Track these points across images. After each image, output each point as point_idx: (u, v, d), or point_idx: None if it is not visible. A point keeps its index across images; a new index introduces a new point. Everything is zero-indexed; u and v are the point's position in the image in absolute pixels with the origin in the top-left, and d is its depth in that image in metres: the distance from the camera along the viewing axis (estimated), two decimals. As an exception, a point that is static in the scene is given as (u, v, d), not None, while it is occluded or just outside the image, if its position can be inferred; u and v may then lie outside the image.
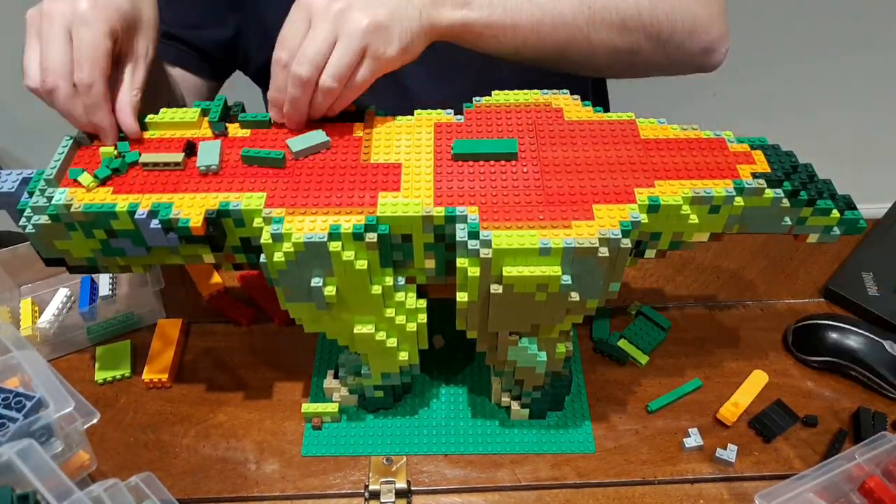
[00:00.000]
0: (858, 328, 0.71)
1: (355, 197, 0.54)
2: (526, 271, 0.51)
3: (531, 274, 0.51)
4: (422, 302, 0.58)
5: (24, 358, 0.58)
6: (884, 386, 0.68)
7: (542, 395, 0.64)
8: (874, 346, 0.69)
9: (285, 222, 0.52)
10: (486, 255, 0.50)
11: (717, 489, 0.63)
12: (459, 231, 0.52)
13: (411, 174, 0.56)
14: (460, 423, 0.67)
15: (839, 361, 0.70)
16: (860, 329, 0.71)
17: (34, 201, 0.55)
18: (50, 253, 0.57)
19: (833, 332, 0.71)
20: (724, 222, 0.57)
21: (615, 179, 0.56)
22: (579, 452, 0.65)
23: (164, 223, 0.53)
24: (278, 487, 0.63)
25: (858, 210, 0.58)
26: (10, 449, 0.49)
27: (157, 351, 0.72)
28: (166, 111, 0.62)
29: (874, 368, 0.68)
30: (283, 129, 0.60)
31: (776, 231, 0.59)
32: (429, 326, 0.59)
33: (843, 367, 0.70)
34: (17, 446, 0.49)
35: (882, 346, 0.69)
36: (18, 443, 0.50)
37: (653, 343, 0.73)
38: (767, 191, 0.56)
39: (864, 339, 0.70)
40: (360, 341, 0.58)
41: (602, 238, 0.51)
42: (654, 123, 0.61)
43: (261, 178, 0.56)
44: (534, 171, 0.56)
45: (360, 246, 0.52)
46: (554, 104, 0.62)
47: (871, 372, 0.69)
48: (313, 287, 0.53)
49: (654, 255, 0.58)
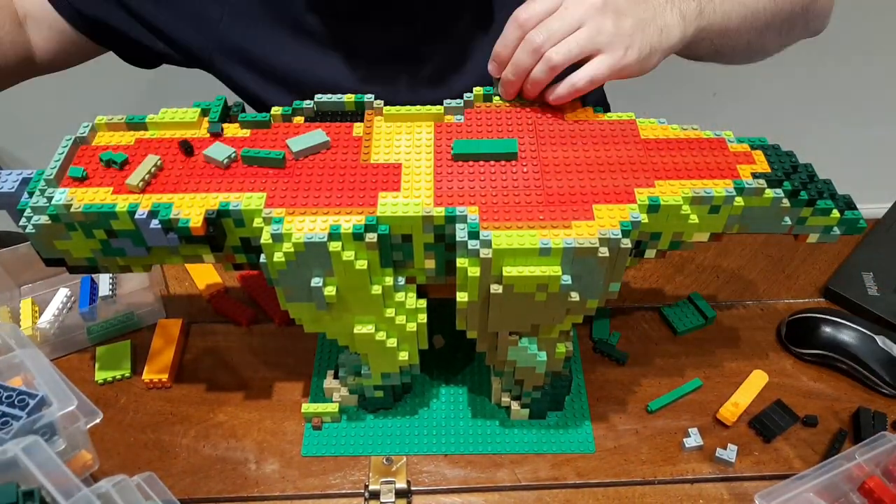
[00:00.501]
0: (852, 323, 0.71)
1: (355, 197, 0.54)
2: (526, 271, 0.51)
3: (531, 274, 0.51)
4: (422, 302, 0.58)
5: (26, 356, 0.58)
6: (875, 381, 0.69)
7: (541, 394, 0.64)
8: (866, 340, 0.69)
9: (285, 222, 0.52)
10: (486, 256, 0.50)
11: (717, 489, 0.63)
12: (459, 231, 0.52)
13: (411, 174, 0.56)
14: (460, 423, 0.67)
15: (831, 355, 0.70)
16: (853, 324, 0.71)
17: (34, 201, 0.55)
18: (50, 253, 0.57)
19: (826, 326, 0.71)
20: (724, 222, 0.57)
21: (615, 179, 0.56)
22: (579, 452, 0.65)
23: (164, 223, 0.53)
24: (278, 487, 0.63)
25: (858, 210, 0.58)
26: (17, 445, 0.49)
27: (157, 351, 0.72)
28: (166, 111, 0.62)
29: (866, 363, 0.69)
30: (282, 130, 0.60)
31: (776, 231, 0.59)
32: (429, 326, 0.59)
33: (834, 360, 0.70)
34: (23, 443, 0.49)
35: (874, 341, 0.69)
36: (24, 439, 0.50)
37: (689, 325, 0.75)
38: (767, 191, 0.56)
39: (857, 334, 0.70)
40: (360, 341, 0.58)
41: (602, 238, 0.51)
42: (655, 123, 0.61)
43: (261, 178, 0.56)
44: (534, 171, 0.56)
45: (361, 246, 0.52)
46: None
47: (862, 367, 0.69)
48: (313, 287, 0.53)
49: (654, 255, 0.58)
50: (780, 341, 0.74)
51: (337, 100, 0.61)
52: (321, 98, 0.62)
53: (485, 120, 0.61)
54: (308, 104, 0.61)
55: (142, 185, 0.55)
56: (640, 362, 0.73)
